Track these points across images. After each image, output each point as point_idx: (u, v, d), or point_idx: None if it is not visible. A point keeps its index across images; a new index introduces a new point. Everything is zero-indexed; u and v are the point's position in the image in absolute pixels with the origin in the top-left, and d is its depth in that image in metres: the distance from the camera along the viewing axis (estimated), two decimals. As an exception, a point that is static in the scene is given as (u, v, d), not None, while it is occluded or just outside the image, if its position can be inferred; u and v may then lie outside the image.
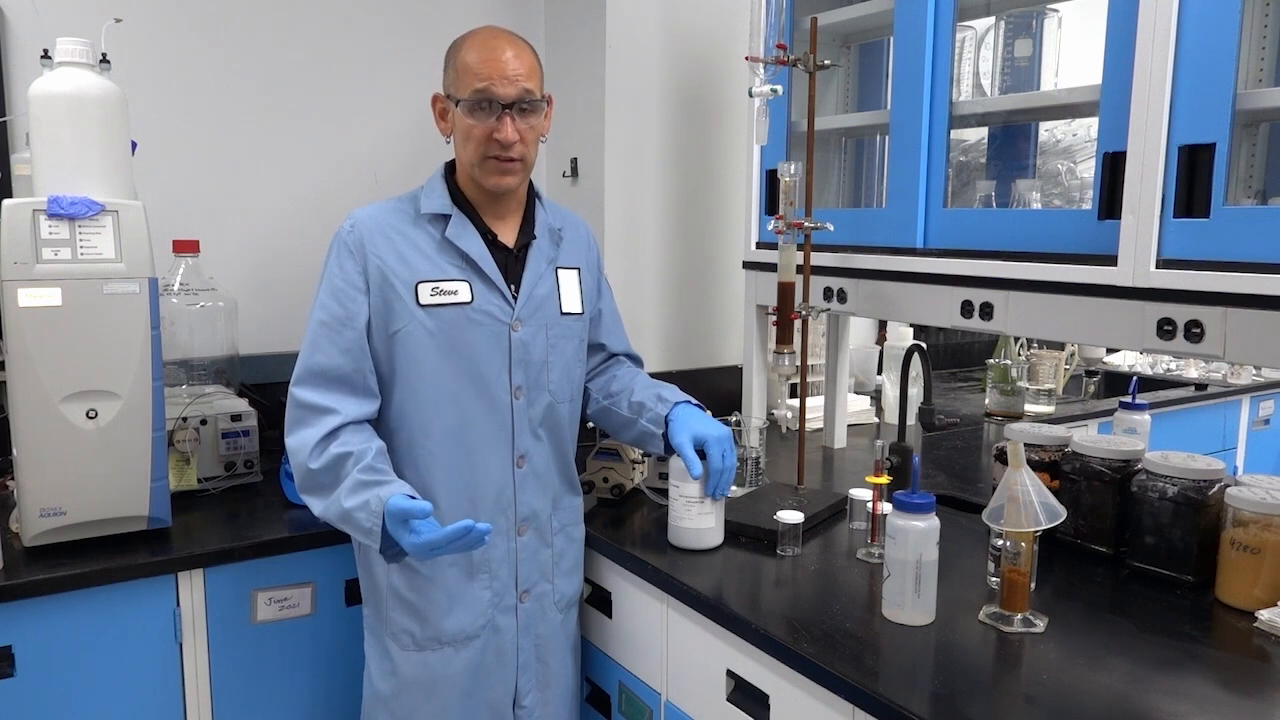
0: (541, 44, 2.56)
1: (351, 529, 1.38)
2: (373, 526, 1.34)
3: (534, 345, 1.52)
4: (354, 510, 1.35)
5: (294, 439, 1.43)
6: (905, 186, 1.72)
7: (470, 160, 1.47)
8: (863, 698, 1.13)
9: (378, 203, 1.53)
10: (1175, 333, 1.33)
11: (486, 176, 1.47)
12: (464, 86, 1.44)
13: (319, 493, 1.40)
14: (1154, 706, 1.08)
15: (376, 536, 1.35)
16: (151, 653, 1.56)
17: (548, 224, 1.58)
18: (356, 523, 1.36)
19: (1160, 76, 1.30)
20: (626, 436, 1.68)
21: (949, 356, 3.43)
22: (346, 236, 1.47)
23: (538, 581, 1.57)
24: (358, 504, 1.35)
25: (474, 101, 1.44)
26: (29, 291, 1.45)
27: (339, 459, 1.39)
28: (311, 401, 1.43)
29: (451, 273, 1.47)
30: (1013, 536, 1.25)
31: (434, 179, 1.55)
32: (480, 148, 1.45)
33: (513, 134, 1.44)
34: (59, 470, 1.49)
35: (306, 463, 1.40)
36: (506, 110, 1.44)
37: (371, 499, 1.35)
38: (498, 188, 1.48)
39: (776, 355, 1.80)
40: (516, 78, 1.44)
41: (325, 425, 1.41)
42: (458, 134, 1.48)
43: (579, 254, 1.64)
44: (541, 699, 1.60)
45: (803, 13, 1.93)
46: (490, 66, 1.43)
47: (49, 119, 1.49)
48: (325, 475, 1.39)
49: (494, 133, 1.43)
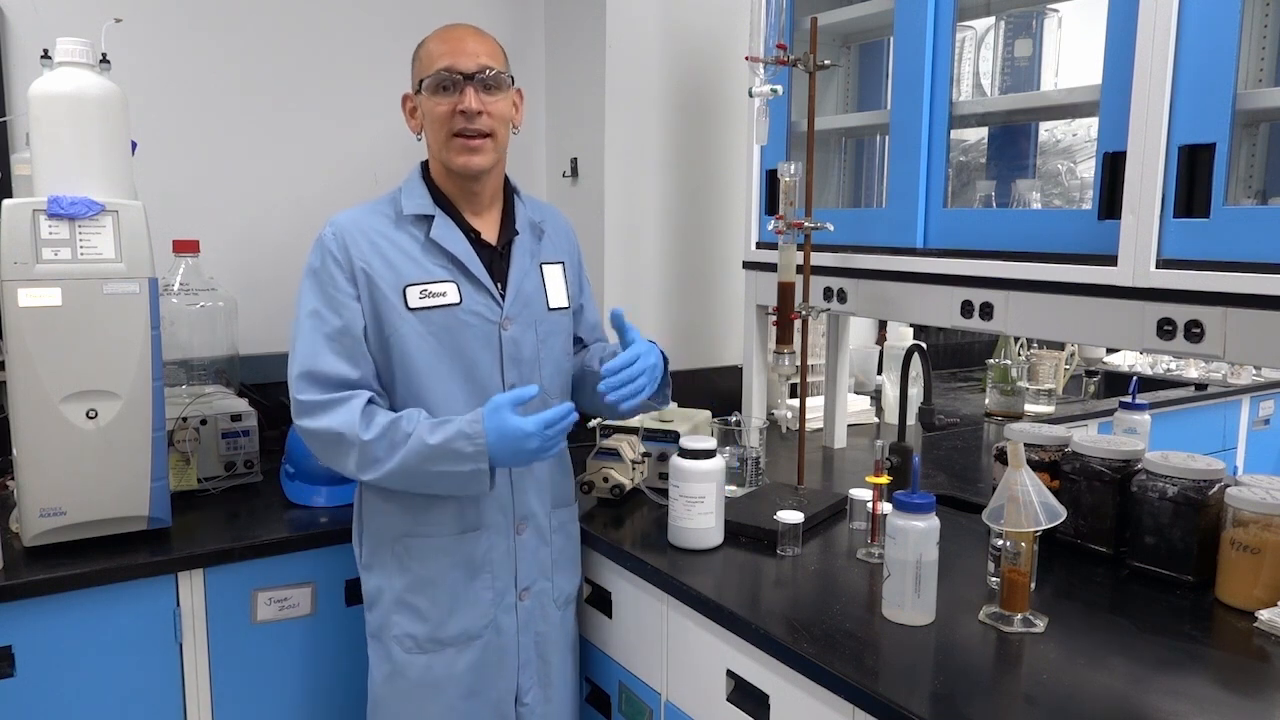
0: (541, 44, 2.57)
1: (448, 463, 1.36)
2: (477, 448, 1.35)
3: (524, 342, 1.51)
4: (450, 440, 1.36)
5: (324, 424, 1.39)
6: (905, 186, 1.72)
7: (439, 144, 1.47)
8: (863, 698, 1.13)
9: (357, 206, 1.51)
10: (1175, 333, 1.33)
11: (455, 156, 1.46)
12: (427, 69, 1.45)
13: (379, 463, 1.38)
14: (1154, 706, 1.08)
15: (484, 455, 1.35)
16: (151, 653, 1.56)
17: (528, 218, 1.57)
18: (455, 451, 1.35)
19: (1160, 76, 1.30)
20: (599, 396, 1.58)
21: (949, 356, 3.43)
22: (329, 242, 1.45)
23: (537, 579, 1.57)
24: (452, 434, 1.36)
25: (437, 80, 1.44)
26: (29, 291, 1.45)
27: (392, 423, 1.38)
28: (324, 397, 1.40)
29: (438, 274, 1.46)
30: (1013, 536, 1.25)
31: (412, 179, 1.53)
32: (446, 125, 1.45)
33: (475, 103, 1.43)
34: (59, 470, 1.49)
35: (360, 435, 1.37)
36: (468, 82, 1.44)
37: (463, 424, 1.36)
38: (467, 168, 1.46)
39: (776, 355, 1.80)
40: (477, 54, 1.45)
41: (355, 404, 1.40)
42: (426, 121, 1.48)
43: (561, 248, 1.63)
44: (543, 696, 1.60)
45: (803, 13, 1.93)
46: (450, 44, 1.45)
47: (49, 119, 1.49)
48: (381, 443, 1.38)
49: (457, 105, 1.43)
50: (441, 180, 1.52)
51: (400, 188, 1.52)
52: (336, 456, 1.41)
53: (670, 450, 1.66)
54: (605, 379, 1.45)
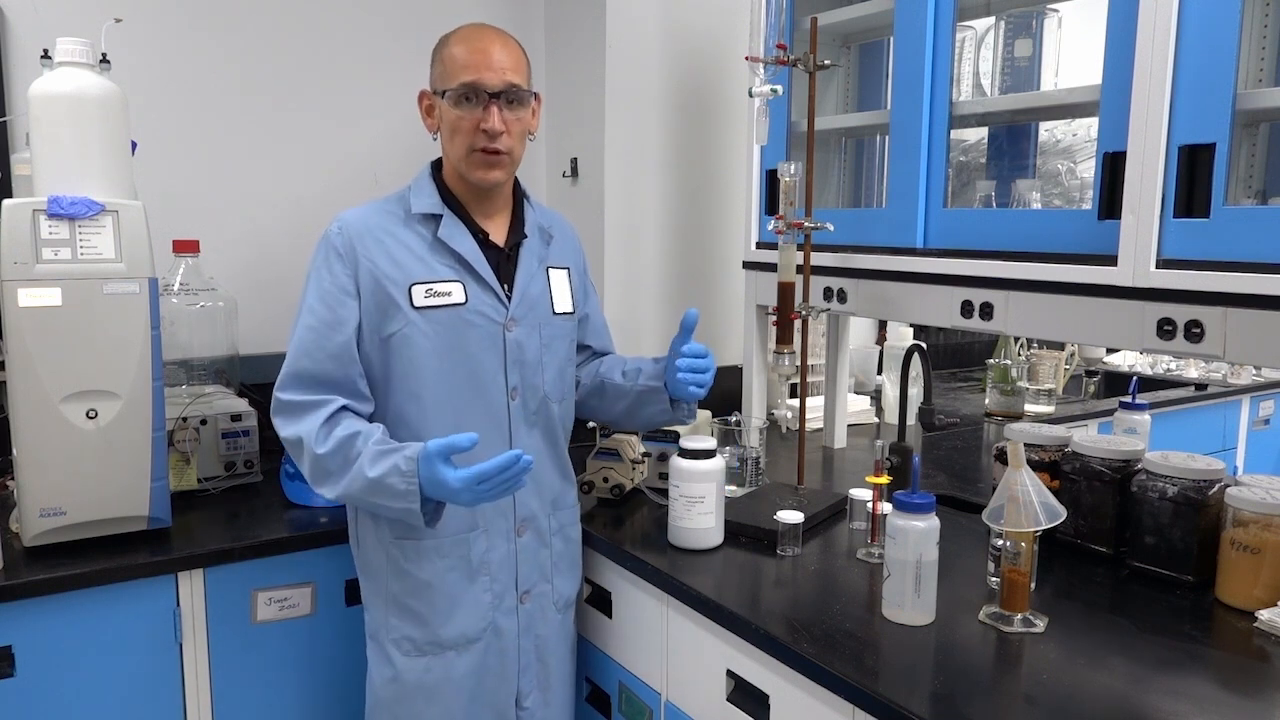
0: (541, 44, 2.56)
1: (384, 498, 1.34)
2: (409, 487, 1.32)
3: (528, 345, 1.51)
4: (385, 476, 1.33)
5: (290, 431, 1.40)
6: (905, 186, 1.72)
7: (457, 154, 1.47)
8: (863, 698, 1.13)
9: (365, 204, 1.51)
10: (1175, 333, 1.33)
11: (473, 170, 1.46)
12: (451, 78, 1.44)
13: (330, 478, 1.38)
14: (1154, 706, 1.08)
15: (415, 495, 1.32)
16: (151, 653, 1.56)
17: (537, 223, 1.58)
18: (389, 488, 1.33)
19: (1160, 76, 1.30)
20: (620, 406, 1.65)
21: (949, 356, 3.43)
22: (335, 239, 1.45)
23: (537, 582, 1.57)
24: (387, 469, 1.33)
25: (461, 92, 1.43)
26: (29, 291, 1.45)
27: (347, 440, 1.37)
28: (299, 399, 1.41)
29: (445, 274, 1.46)
30: (1013, 536, 1.25)
31: (422, 178, 1.53)
32: (467, 140, 1.44)
33: (499, 123, 1.43)
34: (59, 470, 1.49)
35: (313, 448, 1.37)
36: (493, 100, 1.43)
37: (399, 460, 1.33)
38: (483, 182, 1.47)
39: (776, 355, 1.80)
40: (503, 69, 1.44)
41: (322, 412, 1.40)
42: (445, 128, 1.48)
43: (568, 254, 1.64)
44: (543, 699, 1.60)
45: (803, 13, 1.93)
46: (477, 57, 1.43)
47: (49, 119, 1.49)
48: (334, 459, 1.37)
49: (480, 123, 1.43)
50: (453, 181, 1.52)
51: (409, 186, 1.52)
52: (301, 466, 1.42)
53: (670, 450, 1.66)
54: (683, 356, 1.53)
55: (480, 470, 1.28)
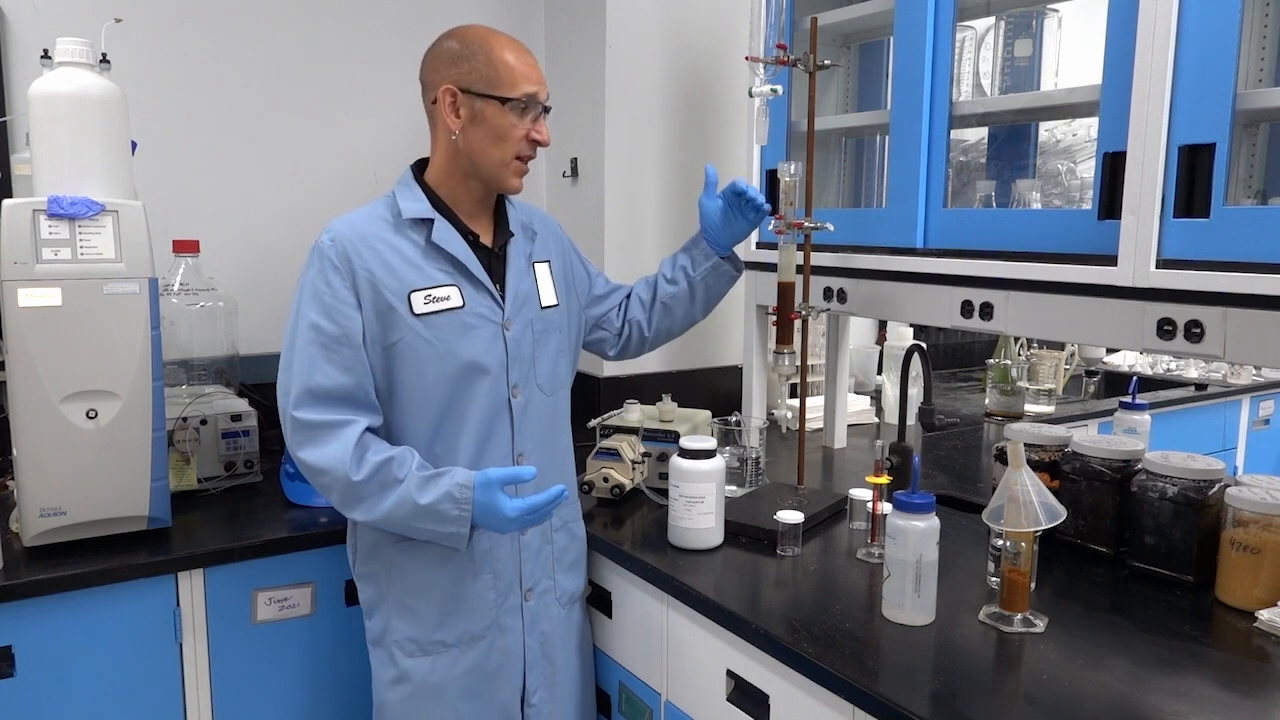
0: (541, 44, 2.57)
1: (431, 523, 1.37)
2: (462, 513, 1.36)
3: (523, 342, 1.52)
4: (438, 503, 1.36)
5: (317, 456, 1.37)
6: (905, 186, 1.72)
7: (497, 159, 1.47)
8: (863, 698, 1.13)
9: (353, 211, 1.49)
10: (1175, 333, 1.33)
11: (510, 177, 1.49)
12: (511, 87, 1.44)
13: (364, 503, 1.38)
14: (1154, 706, 1.08)
15: (466, 520, 1.37)
16: (151, 653, 1.56)
17: (520, 220, 1.59)
18: (441, 514, 1.36)
19: (1160, 76, 1.30)
20: (697, 302, 1.80)
21: (949, 356, 3.43)
22: (329, 250, 1.41)
23: (541, 579, 1.57)
24: (439, 495, 1.36)
25: (524, 103, 1.45)
26: (29, 291, 1.45)
27: (383, 465, 1.37)
28: (320, 419, 1.38)
29: (440, 279, 1.46)
30: (1013, 536, 1.25)
31: (405, 182, 1.51)
32: (514, 148, 1.47)
33: (548, 136, 1.50)
34: (59, 470, 1.49)
35: (348, 476, 1.36)
36: (545, 114, 1.50)
37: (452, 488, 1.36)
38: (513, 189, 1.52)
39: (776, 355, 1.80)
40: (546, 84, 1.50)
41: (349, 436, 1.38)
42: (486, 132, 1.45)
43: (550, 247, 1.65)
44: (550, 696, 1.60)
45: (803, 13, 1.93)
46: (533, 70, 1.48)
47: (49, 119, 1.49)
48: (369, 485, 1.37)
49: (530, 134, 1.47)
50: (441, 183, 1.51)
51: (394, 191, 1.51)
52: (324, 490, 1.41)
53: (670, 450, 1.66)
54: (749, 188, 1.70)
55: (532, 503, 1.35)
